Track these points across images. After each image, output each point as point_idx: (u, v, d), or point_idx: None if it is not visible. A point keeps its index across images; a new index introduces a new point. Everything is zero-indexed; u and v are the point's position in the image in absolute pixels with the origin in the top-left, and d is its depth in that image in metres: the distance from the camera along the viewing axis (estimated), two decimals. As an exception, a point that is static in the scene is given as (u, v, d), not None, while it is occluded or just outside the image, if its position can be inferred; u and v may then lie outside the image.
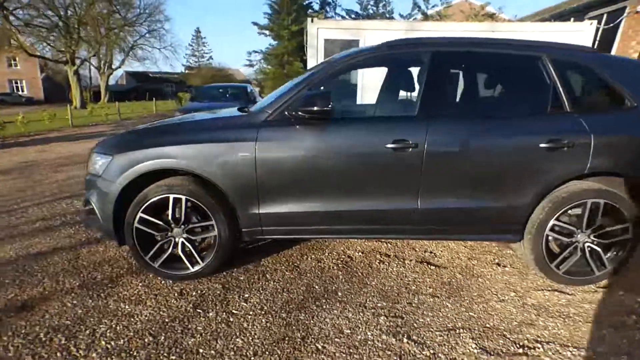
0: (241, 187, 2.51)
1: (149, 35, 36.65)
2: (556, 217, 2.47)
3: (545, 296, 2.50)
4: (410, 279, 2.71)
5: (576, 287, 2.59)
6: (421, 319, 2.25)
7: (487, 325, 2.19)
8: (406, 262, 2.97)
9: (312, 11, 25.47)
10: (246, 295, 2.49)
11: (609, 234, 2.50)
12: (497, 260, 3.02)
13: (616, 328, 2.15)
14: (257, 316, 2.27)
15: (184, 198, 2.50)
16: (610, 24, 9.08)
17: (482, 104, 2.99)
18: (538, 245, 2.52)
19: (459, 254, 3.12)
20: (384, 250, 3.17)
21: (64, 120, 15.65)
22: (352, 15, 24.73)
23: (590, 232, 2.51)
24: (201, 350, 1.97)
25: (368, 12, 25.81)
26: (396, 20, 15.24)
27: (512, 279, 2.73)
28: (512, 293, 2.54)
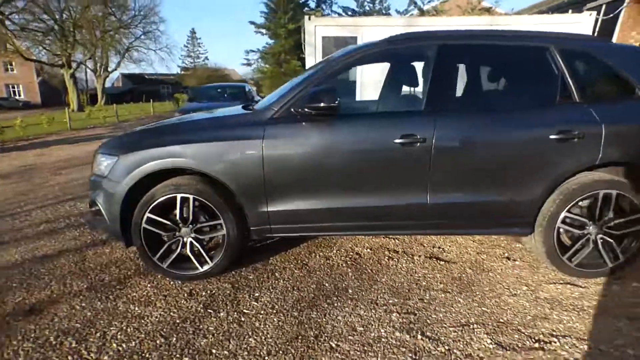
0: (249, 185, 2.48)
1: (144, 37, 36.75)
2: (567, 209, 2.44)
3: (558, 289, 2.47)
4: (420, 275, 2.69)
5: (589, 279, 2.57)
6: (434, 315, 2.22)
7: (501, 320, 2.17)
8: (415, 258, 2.95)
9: (309, 9, 25.45)
10: (256, 295, 2.47)
11: (621, 225, 2.48)
12: (506, 254, 3.00)
13: (632, 320, 2.13)
14: (269, 315, 2.25)
15: (191, 197, 2.47)
16: (609, 14, 9.04)
17: (489, 96, 2.95)
18: (549, 238, 2.50)
19: (468, 249, 3.10)
20: (392, 247, 3.15)
21: (62, 124, 15.64)
22: (349, 12, 24.72)
23: (602, 223, 2.48)
24: (214, 351, 1.95)
25: (365, 9, 25.77)
26: (394, 17, 15.19)
27: (523, 272, 2.71)
28: (524, 287, 2.52)
